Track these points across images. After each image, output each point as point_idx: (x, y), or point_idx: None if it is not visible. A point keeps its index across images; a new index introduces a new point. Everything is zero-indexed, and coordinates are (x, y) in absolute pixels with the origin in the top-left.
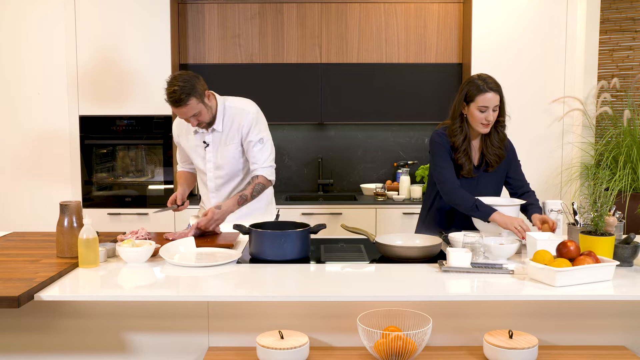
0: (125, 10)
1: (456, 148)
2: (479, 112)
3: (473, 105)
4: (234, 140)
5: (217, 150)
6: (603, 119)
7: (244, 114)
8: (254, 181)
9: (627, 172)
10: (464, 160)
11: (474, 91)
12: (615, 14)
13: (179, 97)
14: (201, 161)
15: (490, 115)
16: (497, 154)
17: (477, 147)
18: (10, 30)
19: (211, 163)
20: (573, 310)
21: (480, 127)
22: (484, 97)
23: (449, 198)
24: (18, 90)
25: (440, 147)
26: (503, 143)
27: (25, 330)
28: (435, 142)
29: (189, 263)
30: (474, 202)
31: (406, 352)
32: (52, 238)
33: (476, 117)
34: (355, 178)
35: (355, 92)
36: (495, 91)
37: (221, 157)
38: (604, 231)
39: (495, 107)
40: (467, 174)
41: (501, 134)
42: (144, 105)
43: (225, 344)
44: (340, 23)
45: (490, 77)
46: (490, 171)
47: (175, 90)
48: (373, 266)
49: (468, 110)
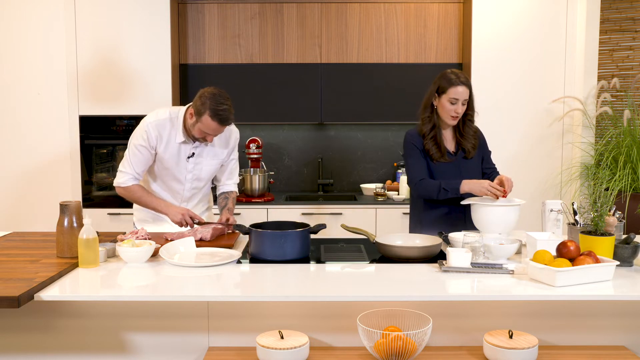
0: (125, 10)
1: (424, 135)
2: (449, 104)
3: (444, 97)
4: (219, 155)
5: (200, 163)
6: (603, 119)
7: (233, 133)
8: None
9: (627, 172)
10: (431, 146)
11: (446, 84)
12: (615, 14)
13: (228, 117)
14: (180, 171)
15: (459, 107)
16: (472, 143)
17: (451, 136)
18: (10, 30)
19: (191, 174)
20: (573, 310)
21: (448, 119)
22: (455, 89)
23: (419, 192)
24: (18, 91)
25: (410, 146)
26: (476, 134)
27: (25, 330)
28: (405, 142)
29: (189, 263)
30: (439, 184)
31: (406, 352)
32: (52, 238)
33: (446, 109)
34: (355, 178)
35: (355, 92)
36: (466, 85)
37: (204, 170)
38: (604, 231)
39: (464, 100)
40: (439, 158)
41: (472, 127)
42: (144, 105)
43: (225, 344)
44: (340, 23)
45: (462, 73)
46: (469, 157)
47: (225, 109)
48: (373, 266)
49: (439, 102)
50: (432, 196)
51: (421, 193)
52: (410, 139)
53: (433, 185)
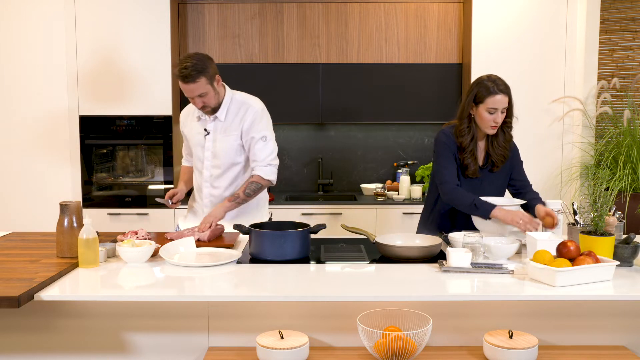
0: (125, 10)
1: (463, 148)
2: (487, 113)
3: (482, 107)
4: (234, 132)
5: (215, 140)
6: (603, 119)
7: (248, 109)
8: (249, 180)
9: (627, 172)
10: (470, 161)
11: (484, 93)
12: (615, 14)
13: (189, 74)
14: (200, 149)
15: (499, 117)
16: (503, 154)
17: (483, 147)
18: (10, 30)
19: (209, 151)
20: (573, 310)
21: (488, 129)
22: (493, 99)
23: (449, 198)
24: (18, 90)
25: (444, 147)
26: (509, 144)
27: (25, 330)
28: (440, 142)
29: (189, 263)
30: (472, 200)
31: (406, 352)
32: (52, 238)
33: (484, 119)
34: (355, 178)
35: (355, 92)
36: (504, 93)
37: (219, 147)
38: (604, 231)
39: (503, 109)
40: (473, 174)
41: (507, 135)
42: (144, 105)
43: (225, 344)
44: (340, 23)
45: (500, 79)
46: (495, 171)
47: (186, 67)
48: (373, 266)
49: (476, 111)
50: (459, 207)
51: (451, 199)
52: (445, 139)
53: (466, 197)
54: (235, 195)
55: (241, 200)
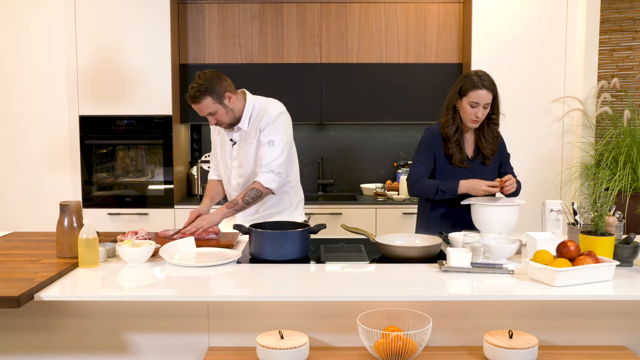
0: (125, 10)
1: (448, 138)
2: (469, 107)
3: (465, 100)
4: (253, 140)
5: (240, 149)
6: (603, 119)
7: (264, 115)
8: (250, 186)
9: (627, 172)
10: (454, 150)
11: (468, 86)
12: (615, 14)
13: (194, 94)
14: (228, 158)
15: (480, 112)
16: (492, 148)
17: (472, 140)
18: (10, 30)
19: (236, 161)
20: (573, 310)
21: (469, 123)
22: (476, 93)
23: (414, 189)
24: (18, 91)
25: (423, 144)
26: (497, 140)
27: (25, 330)
28: (422, 139)
29: (189, 263)
30: (436, 185)
31: (406, 352)
32: (52, 238)
33: (466, 112)
34: (355, 178)
35: (355, 92)
36: (488, 89)
37: (243, 156)
38: (604, 231)
39: (486, 104)
40: (459, 163)
41: (494, 131)
42: (144, 105)
43: (225, 344)
44: (340, 23)
45: (487, 75)
46: (487, 164)
47: (192, 87)
48: (373, 266)
49: (460, 104)
50: (428, 196)
51: (417, 192)
52: (427, 135)
53: (430, 185)
54: (234, 202)
55: (239, 207)
